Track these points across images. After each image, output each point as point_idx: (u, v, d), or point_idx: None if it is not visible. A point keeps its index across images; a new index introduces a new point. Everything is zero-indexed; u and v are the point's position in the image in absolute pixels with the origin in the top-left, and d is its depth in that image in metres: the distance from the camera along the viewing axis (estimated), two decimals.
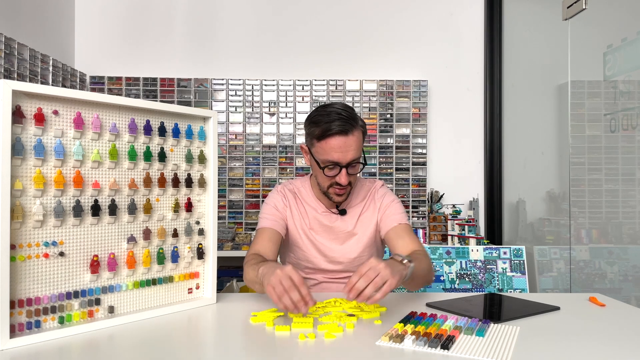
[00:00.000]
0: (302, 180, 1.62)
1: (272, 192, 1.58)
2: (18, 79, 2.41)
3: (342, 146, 1.36)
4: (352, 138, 1.37)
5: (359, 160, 1.41)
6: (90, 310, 1.09)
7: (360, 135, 1.40)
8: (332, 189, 1.44)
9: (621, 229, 2.29)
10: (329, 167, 1.39)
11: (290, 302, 1.04)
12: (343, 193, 1.45)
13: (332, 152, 1.36)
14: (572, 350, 0.95)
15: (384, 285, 1.05)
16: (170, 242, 1.25)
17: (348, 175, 1.40)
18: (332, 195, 1.46)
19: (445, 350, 0.93)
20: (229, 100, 3.32)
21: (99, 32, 3.39)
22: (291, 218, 1.53)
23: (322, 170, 1.41)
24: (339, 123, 1.34)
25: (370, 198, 1.56)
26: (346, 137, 1.35)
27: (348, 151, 1.36)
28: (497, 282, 1.81)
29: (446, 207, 3.30)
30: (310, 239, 1.52)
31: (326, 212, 1.54)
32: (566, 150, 2.50)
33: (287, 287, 1.05)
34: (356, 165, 1.41)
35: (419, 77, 3.41)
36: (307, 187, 1.58)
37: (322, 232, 1.52)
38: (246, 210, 3.30)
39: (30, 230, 1.00)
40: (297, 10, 3.44)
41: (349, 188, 1.45)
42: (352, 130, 1.36)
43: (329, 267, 1.52)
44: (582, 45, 2.41)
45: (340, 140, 1.35)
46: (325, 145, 1.37)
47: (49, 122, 1.03)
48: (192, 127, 1.30)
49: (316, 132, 1.38)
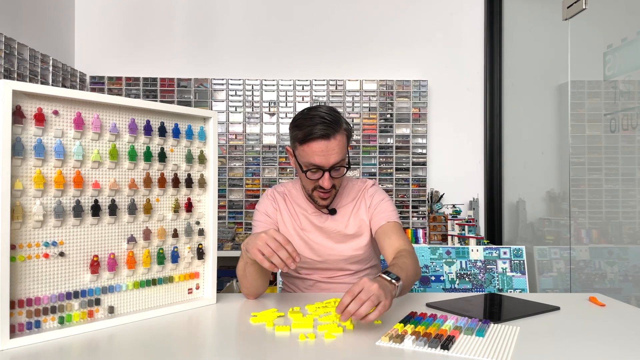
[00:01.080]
0: (293, 182, 1.63)
1: (262, 198, 1.59)
2: (18, 79, 2.41)
3: (324, 150, 1.36)
4: (335, 142, 1.36)
5: (342, 163, 1.41)
6: (90, 311, 1.09)
7: (343, 139, 1.40)
8: (316, 192, 1.45)
9: (621, 229, 2.29)
10: (312, 170, 1.40)
11: (280, 260, 1.13)
12: (327, 197, 1.46)
13: (314, 156, 1.37)
14: (572, 350, 0.95)
15: (379, 305, 1.01)
16: (170, 242, 1.25)
17: (332, 179, 1.40)
18: (316, 199, 1.47)
19: (445, 350, 0.93)
20: (229, 100, 3.32)
21: (99, 32, 3.39)
22: (282, 221, 1.54)
23: (305, 174, 1.41)
24: (321, 127, 1.35)
25: (361, 197, 1.56)
26: (328, 141, 1.35)
27: (330, 155, 1.37)
28: (497, 282, 1.81)
29: (446, 207, 3.30)
30: (303, 239, 1.52)
31: (316, 212, 1.54)
32: (566, 150, 2.50)
33: (275, 248, 1.14)
34: (340, 169, 1.41)
35: (419, 77, 3.41)
36: (299, 188, 1.58)
37: (315, 232, 1.53)
38: (246, 210, 3.30)
39: (30, 231, 1.00)
40: (297, 10, 3.44)
41: (333, 192, 1.46)
42: (335, 134, 1.36)
43: (325, 267, 1.52)
44: (582, 45, 2.41)
45: (322, 144, 1.35)
46: (308, 149, 1.37)
47: (49, 122, 1.03)
48: (192, 127, 1.30)
49: (299, 135, 1.38)
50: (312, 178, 1.41)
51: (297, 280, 1.56)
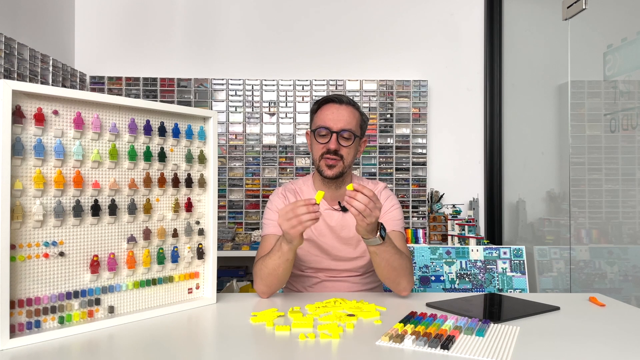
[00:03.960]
0: (304, 179, 1.64)
1: (273, 195, 1.59)
2: (18, 79, 2.41)
3: (334, 112, 1.47)
4: (346, 110, 1.47)
5: (352, 132, 1.47)
6: (90, 310, 1.09)
7: (356, 114, 1.50)
8: (323, 160, 1.47)
9: (621, 229, 2.29)
10: (321, 134, 1.47)
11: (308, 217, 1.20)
12: (333, 164, 1.47)
13: (324, 118, 1.47)
14: (572, 350, 0.95)
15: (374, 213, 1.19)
16: (170, 242, 1.25)
17: (339, 145, 1.45)
18: (323, 169, 1.48)
19: (445, 350, 0.93)
20: (229, 100, 3.32)
21: (99, 32, 3.39)
22: None
23: (315, 138, 1.48)
24: (336, 95, 1.50)
25: None
26: (339, 105, 1.48)
27: (339, 119, 1.46)
28: (497, 282, 1.81)
29: (446, 207, 3.30)
30: (312, 238, 1.52)
31: (328, 209, 1.54)
32: (566, 150, 2.50)
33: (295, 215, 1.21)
34: (349, 137, 1.47)
35: (419, 77, 3.41)
36: (310, 185, 1.59)
37: (325, 231, 1.53)
38: (246, 210, 3.30)
39: (30, 230, 1.00)
40: (297, 10, 3.44)
41: (340, 163, 1.47)
42: (347, 104, 1.49)
43: (331, 266, 1.52)
44: (582, 45, 2.41)
45: (332, 107, 1.48)
46: (320, 113, 1.49)
47: (49, 122, 1.03)
48: (192, 127, 1.30)
49: (315, 107, 1.53)
50: (321, 142, 1.47)
51: (302, 278, 1.56)
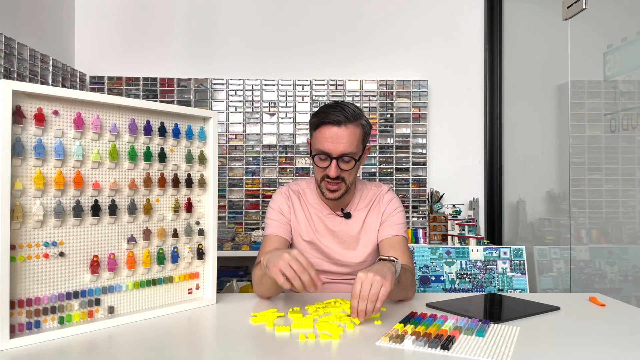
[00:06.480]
0: (307, 181, 1.59)
1: (276, 195, 1.56)
2: (18, 79, 2.41)
3: (334, 137, 1.35)
4: (346, 131, 1.35)
5: (352, 156, 1.38)
6: (90, 311, 1.09)
7: (357, 131, 1.38)
8: (324, 182, 1.42)
9: (621, 229, 2.29)
10: (321, 157, 1.39)
11: (301, 284, 1.10)
12: (334, 189, 1.41)
13: (324, 142, 1.36)
14: (572, 350, 0.95)
15: (381, 291, 1.07)
16: (170, 242, 1.25)
17: (339, 170, 1.37)
18: (324, 191, 1.43)
19: (445, 350, 0.93)
20: (229, 100, 3.32)
21: (99, 32, 3.39)
22: (295, 221, 1.51)
23: (314, 161, 1.41)
24: (335, 113, 1.35)
25: (376, 203, 1.53)
26: (339, 128, 1.35)
27: (339, 143, 1.35)
28: (497, 282, 1.81)
29: (446, 207, 3.30)
30: (314, 242, 1.50)
31: (331, 214, 1.51)
32: (566, 150, 2.50)
33: (298, 270, 1.10)
34: (349, 161, 1.38)
35: (419, 77, 3.41)
36: (313, 188, 1.55)
37: (327, 235, 1.50)
38: (246, 211, 3.30)
39: (30, 231, 1.00)
40: (297, 10, 3.44)
41: (342, 185, 1.41)
42: (347, 123, 1.36)
43: (333, 269, 1.50)
44: (582, 45, 2.41)
45: (332, 130, 1.35)
46: (319, 134, 1.38)
47: (49, 122, 1.03)
48: (192, 127, 1.30)
49: (314, 121, 1.40)
50: (320, 166, 1.40)
51: None
